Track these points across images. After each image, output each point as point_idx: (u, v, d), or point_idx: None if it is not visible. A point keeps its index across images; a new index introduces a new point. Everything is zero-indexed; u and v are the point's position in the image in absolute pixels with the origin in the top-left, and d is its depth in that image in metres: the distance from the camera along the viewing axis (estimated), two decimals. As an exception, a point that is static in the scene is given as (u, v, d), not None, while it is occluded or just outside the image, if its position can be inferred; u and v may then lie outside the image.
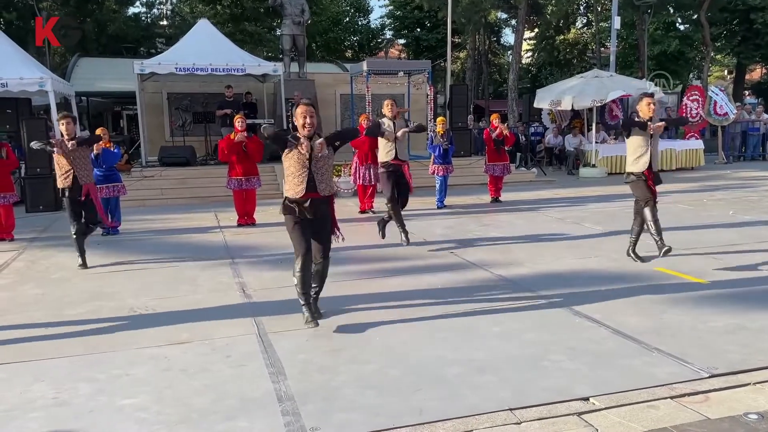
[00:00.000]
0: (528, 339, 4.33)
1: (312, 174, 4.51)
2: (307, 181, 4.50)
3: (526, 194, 12.10)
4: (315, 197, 4.54)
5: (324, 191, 4.58)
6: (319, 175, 4.54)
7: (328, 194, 4.66)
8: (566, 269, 6.25)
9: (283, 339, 4.42)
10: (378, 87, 15.30)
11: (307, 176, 4.50)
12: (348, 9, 39.10)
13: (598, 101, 15.93)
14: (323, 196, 4.59)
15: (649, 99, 6.14)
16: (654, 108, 6.14)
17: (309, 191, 4.51)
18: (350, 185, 12.08)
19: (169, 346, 4.34)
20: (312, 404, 3.41)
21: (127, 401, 3.51)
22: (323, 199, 4.60)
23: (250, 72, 14.12)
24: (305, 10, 16.15)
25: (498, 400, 3.40)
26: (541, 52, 36.61)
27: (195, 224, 9.55)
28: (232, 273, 6.42)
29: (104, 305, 5.38)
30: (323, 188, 4.57)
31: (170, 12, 35.63)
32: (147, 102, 14.91)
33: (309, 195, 4.52)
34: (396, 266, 6.57)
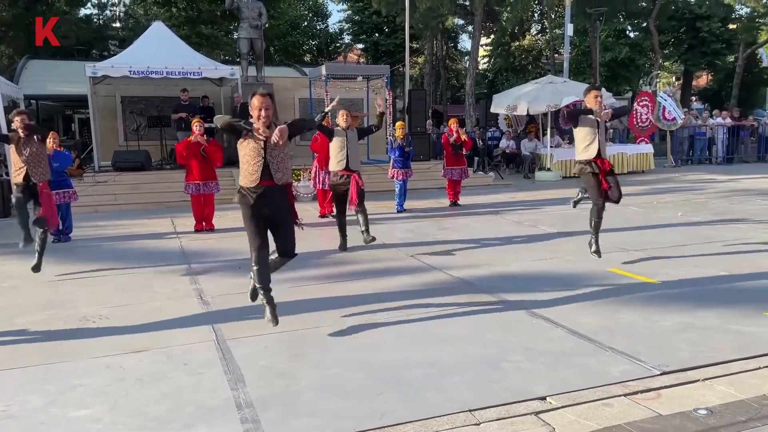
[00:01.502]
0: (488, 340, 4.39)
1: (267, 162, 4.41)
2: (263, 169, 4.40)
3: (484, 198, 12.27)
4: (270, 185, 4.44)
5: (280, 180, 4.48)
6: (274, 163, 4.43)
7: (285, 183, 4.54)
8: (524, 271, 6.36)
9: (242, 345, 4.37)
10: (337, 91, 15.26)
11: (263, 164, 4.40)
12: (306, 13, 38.95)
13: (553, 106, 16.27)
14: (279, 185, 4.49)
15: (596, 92, 6.35)
16: (600, 100, 6.33)
17: (264, 179, 4.41)
18: (310, 189, 12.04)
19: (124, 355, 4.24)
20: (272, 410, 3.39)
21: (80, 413, 3.42)
22: (279, 187, 4.49)
23: (207, 75, 13.93)
24: (263, 13, 16.02)
25: (459, 402, 3.44)
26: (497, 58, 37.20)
27: (150, 230, 9.35)
28: (189, 279, 6.31)
29: (56, 314, 5.22)
30: (279, 177, 4.46)
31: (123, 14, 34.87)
32: (99, 105, 14.56)
33: (264, 183, 4.42)
34: (357, 270, 6.57)
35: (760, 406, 3.33)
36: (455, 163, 11.20)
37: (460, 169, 11.25)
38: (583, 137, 6.37)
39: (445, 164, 11.34)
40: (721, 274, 6.03)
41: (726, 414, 3.25)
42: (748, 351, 4.06)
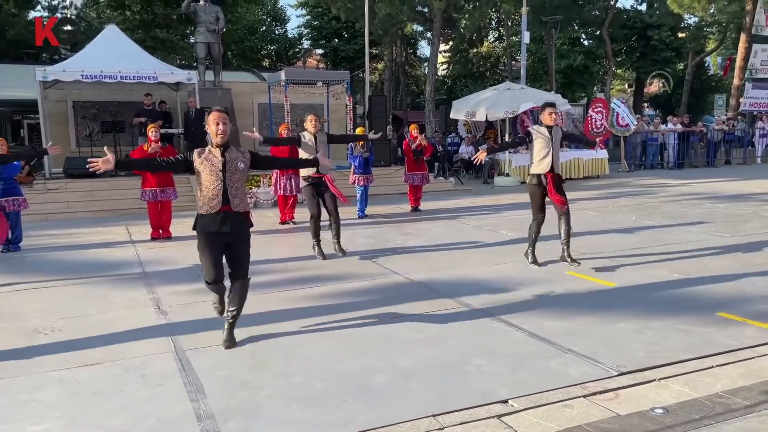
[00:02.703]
0: (450, 344, 4.41)
1: (226, 187, 4.37)
2: (222, 194, 4.36)
3: (444, 203, 12.36)
4: (229, 212, 4.39)
5: (238, 207, 4.42)
6: (233, 189, 4.38)
7: (243, 210, 4.48)
8: (485, 275, 6.42)
9: (202, 356, 4.29)
10: (297, 96, 15.22)
11: (222, 189, 4.36)
12: (264, 18, 38.68)
13: (511, 112, 16.54)
14: (237, 212, 4.43)
15: (551, 109, 6.56)
16: (555, 117, 6.54)
17: (224, 205, 4.37)
18: (270, 196, 11.93)
19: (79, 368, 4.11)
20: (234, 421, 3.33)
21: (33, 428, 3.30)
22: (238, 214, 4.44)
23: (163, 80, 13.68)
24: (220, 17, 15.85)
25: (422, 407, 3.44)
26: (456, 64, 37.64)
27: (105, 238, 9.11)
28: (145, 289, 6.17)
29: (6, 326, 5.03)
30: (237, 203, 4.41)
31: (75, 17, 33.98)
32: (50, 111, 14.11)
33: (224, 209, 4.37)
34: (317, 277, 6.53)
35: (713, 404, 3.43)
36: (416, 169, 11.27)
37: (421, 174, 11.32)
38: (538, 150, 6.57)
39: (407, 170, 11.41)
40: (674, 276, 6.20)
41: (681, 412, 3.34)
42: (701, 350, 4.19)
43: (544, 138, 6.51)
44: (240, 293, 4.52)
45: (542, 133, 6.53)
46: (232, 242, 4.47)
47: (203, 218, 4.42)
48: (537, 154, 6.57)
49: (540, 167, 6.56)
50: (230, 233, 4.43)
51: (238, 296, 4.51)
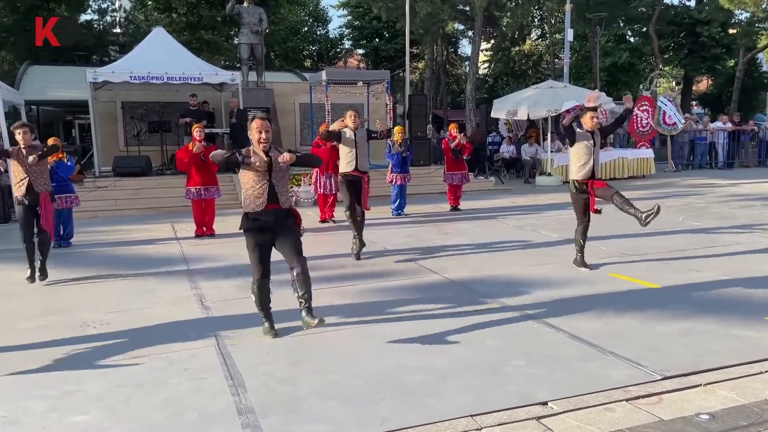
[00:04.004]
0: (488, 345, 4.38)
1: (272, 185, 4.49)
2: (268, 193, 4.47)
3: (484, 202, 12.26)
4: (277, 209, 4.52)
5: (285, 203, 4.57)
6: (279, 187, 4.52)
7: (289, 207, 4.63)
8: (524, 276, 6.36)
9: (243, 351, 4.37)
10: (337, 96, 15.31)
11: (268, 188, 4.48)
12: (307, 18, 39.04)
13: (553, 111, 16.29)
14: (284, 209, 4.56)
15: (593, 113, 6.41)
16: (596, 121, 6.40)
17: (271, 203, 4.49)
18: (310, 194, 12.05)
19: (125, 361, 4.24)
20: (274, 416, 3.38)
21: (79, 418, 3.41)
22: (284, 211, 4.57)
23: (208, 81, 13.94)
24: (263, 19, 16.06)
25: (460, 407, 3.43)
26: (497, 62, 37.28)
27: (151, 235, 9.35)
28: (190, 285, 6.31)
29: (57, 320, 5.22)
30: (284, 201, 4.56)
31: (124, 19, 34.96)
32: (100, 111, 14.56)
33: (270, 206, 4.49)
34: (356, 274, 6.57)
35: (761, 410, 3.32)
36: (456, 168, 11.22)
37: (460, 174, 11.26)
38: (578, 156, 6.44)
39: (446, 169, 11.36)
40: (722, 278, 6.02)
41: (728, 419, 3.24)
42: (749, 355, 4.06)
43: (586, 143, 6.37)
44: (302, 274, 4.49)
45: (584, 137, 6.39)
46: (280, 234, 4.56)
47: (249, 218, 4.54)
48: (578, 159, 6.43)
49: (582, 173, 6.43)
50: (277, 228, 4.54)
51: (302, 277, 4.50)
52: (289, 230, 4.62)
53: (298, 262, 4.51)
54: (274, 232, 4.56)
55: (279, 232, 4.58)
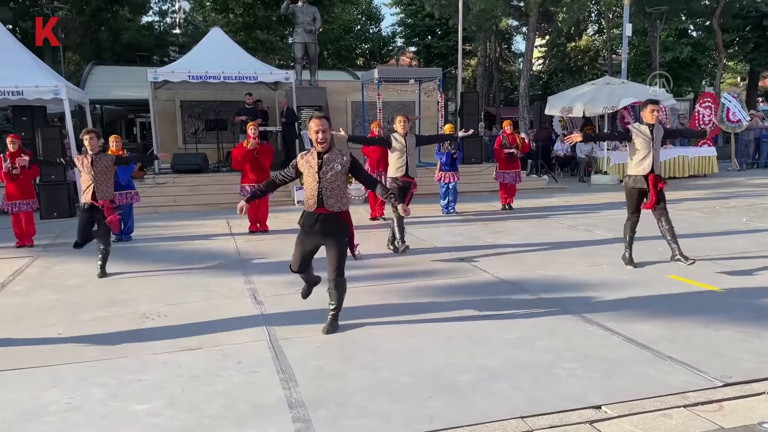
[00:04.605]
0: (540, 346, 4.31)
1: (321, 188, 4.55)
2: (317, 196, 4.57)
3: (537, 201, 12.07)
4: (324, 213, 4.59)
5: (333, 207, 4.59)
6: (327, 190, 4.56)
7: (338, 210, 4.63)
8: (578, 276, 6.23)
9: (294, 345, 4.43)
10: (389, 94, 15.36)
11: (317, 191, 4.56)
12: (359, 17, 39.25)
13: (610, 108, 15.89)
14: (332, 212, 4.59)
15: (654, 106, 6.19)
16: (657, 115, 6.19)
17: (319, 206, 4.58)
18: (361, 192, 12.12)
19: (181, 352, 4.36)
20: (323, 411, 3.42)
21: (139, 407, 3.53)
22: (332, 214, 4.60)
23: (262, 80, 14.20)
24: (317, 18, 16.24)
25: (510, 408, 3.39)
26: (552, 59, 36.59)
27: (207, 231, 9.60)
28: (243, 279, 6.45)
29: (117, 311, 5.42)
30: (331, 203, 4.58)
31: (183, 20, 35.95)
32: (160, 110, 15.03)
33: (319, 210, 4.59)
34: (405, 272, 6.57)
35: (832, 422, 3.15)
36: (508, 167, 11.07)
37: (513, 172, 11.11)
38: (637, 150, 6.25)
39: (498, 167, 11.23)
40: (789, 282, 5.75)
41: (794, 430, 3.09)
42: (818, 364, 3.86)
43: (644, 137, 6.18)
44: (336, 290, 4.68)
45: (642, 131, 6.20)
46: (325, 243, 4.66)
47: (304, 215, 4.71)
48: (637, 154, 6.26)
49: (639, 168, 6.25)
50: (323, 233, 4.63)
51: (335, 293, 4.68)
52: (336, 241, 4.63)
53: (333, 279, 4.65)
54: (322, 236, 4.64)
55: (326, 239, 4.65)
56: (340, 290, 4.68)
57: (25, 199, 8.52)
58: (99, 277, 6.64)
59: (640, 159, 6.24)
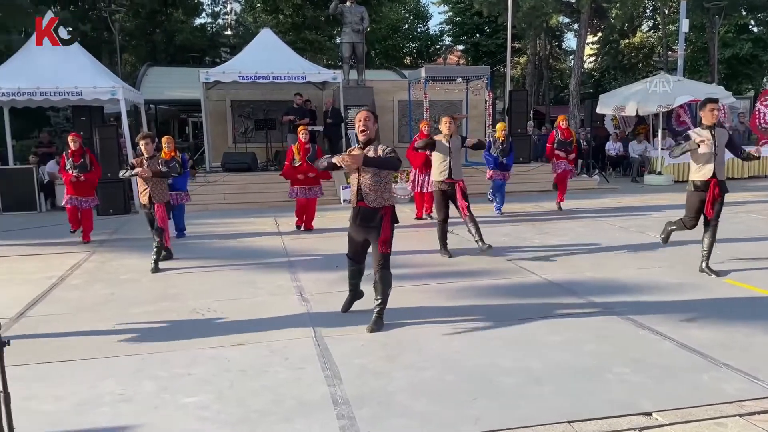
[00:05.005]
0: (588, 350, 4.22)
1: (360, 183, 4.64)
2: (357, 191, 4.67)
3: (587, 202, 11.82)
4: (363, 207, 4.67)
5: (372, 202, 4.65)
6: (365, 186, 4.63)
7: (378, 206, 4.66)
8: (630, 279, 6.07)
9: (339, 343, 4.46)
10: (436, 93, 15.28)
11: (357, 185, 4.66)
12: (407, 16, 39.24)
13: (665, 106, 15.43)
14: (371, 207, 4.65)
15: (713, 105, 5.93)
16: (717, 114, 5.95)
17: (359, 200, 4.67)
18: (407, 191, 12.12)
19: (230, 347, 4.45)
20: (367, 409, 3.43)
21: (189, 399, 3.62)
22: (371, 209, 4.65)
23: (310, 80, 14.34)
24: (365, 18, 16.30)
25: (556, 412, 3.33)
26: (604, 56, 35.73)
27: (255, 228, 9.76)
28: (290, 277, 6.53)
29: (169, 306, 5.57)
30: (371, 199, 4.65)
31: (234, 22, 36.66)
32: (211, 109, 15.35)
33: (360, 204, 4.68)
34: (451, 272, 6.53)
35: None
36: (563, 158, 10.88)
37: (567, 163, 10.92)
38: (699, 155, 6.01)
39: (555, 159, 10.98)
40: None
41: None
42: None
43: (705, 141, 5.94)
44: (381, 283, 4.74)
45: (702, 135, 5.96)
46: (369, 234, 4.73)
47: (352, 210, 4.79)
48: (698, 158, 6.02)
49: (701, 173, 6.02)
50: (365, 227, 4.71)
51: (380, 287, 4.75)
52: (376, 239, 4.69)
53: (377, 272, 4.72)
54: (365, 230, 4.72)
55: (369, 233, 4.72)
56: (384, 284, 4.72)
57: (86, 196, 8.80)
58: (152, 272, 6.83)
59: (702, 163, 6.01)
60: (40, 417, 3.41)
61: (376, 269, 4.71)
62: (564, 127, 10.89)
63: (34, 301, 5.83)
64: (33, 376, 3.98)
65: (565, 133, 10.91)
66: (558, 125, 11.07)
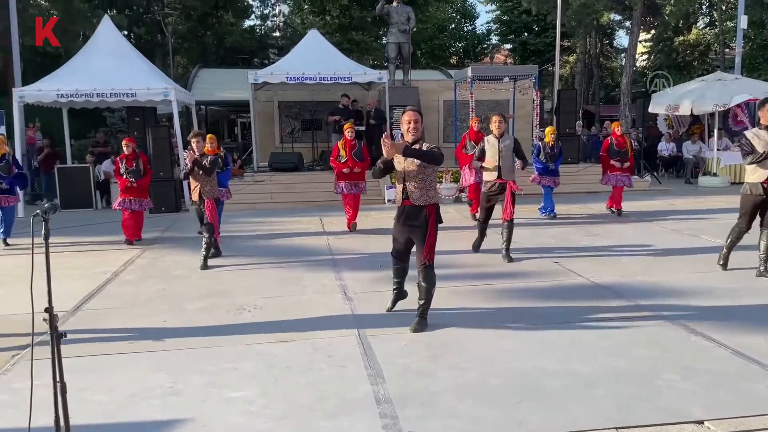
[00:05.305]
0: (638, 355, 4.12)
1: (405, 182, 4.65)
2: (403, 190, 4.68)
3: (639, 204, 11.51)
4: (408, 205, 4.68)
5: (417, 200, 4.64)
6: (410, 183, 4.64)
7: (423, 204, 4.65)
8: (682, 283, 5.89)
9: (382, 342, 4.48)
10: (482, 93, 15.16)
11: (403, 185, 4.67)
12: (454, 15, 39.05)
13: (721, 106, 14.91)
14: (416, 205, 4.65)
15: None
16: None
17: (404, 198, 4.68)
18: (452, 191, 12.08)
19: (275, 344, 4.51)
20: (410, 409, 3.43)
21: (235, 394, 3.69)
22: (416, 207, 4.65)
23: (356, 80, 14.43)
24: (411, 18, 16.28)
25: (603, 417, 3.26)
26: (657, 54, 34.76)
27: (301, 227, 9.87)
28: (334, 276, 6.58)
29: (217, 302, 5.69)
30: (416, 197, 4.65)
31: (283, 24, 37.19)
32: (259, 110, 15.61)
33: (405, 202, 4.69)
34: (496, 273, 6.47)
35: None
36: (618, 168, 10.23)
37: (624, 176, 10.24)
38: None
39: (606, 170, 10.42)
40: None
41: None
42: None
43: (763, 142, 5.72)
44: (424, 282, 4.71)
45: (761, 136, 5.74)
46: (412, 233, 4.73)
47: (397, 209, 4.80)
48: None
49: (756, 175, 5.82)
50: (409, 226, 4.72)
51: (424, 286, 4.72)
52: (422, 234, 4.67)
53: (421, 271, 4.71)
54: (409, 229, 4.73)
55: (413, 232, 4.72)
56: (428, 283, 4.70)
57: (140, 198, 8.87)
58: (201, 269, 6.99)
59: (757, 165, 5.80)
60: (94, 407, 3.53)
61: (420, 268, 4.71)
62: (619, 134, 10.27)
63: (90, 295, 6.04)
64: (87, 367, 4.13)
65: (620, 141, 10.29)
66: (612, 132, 10.52)
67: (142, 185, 8.89)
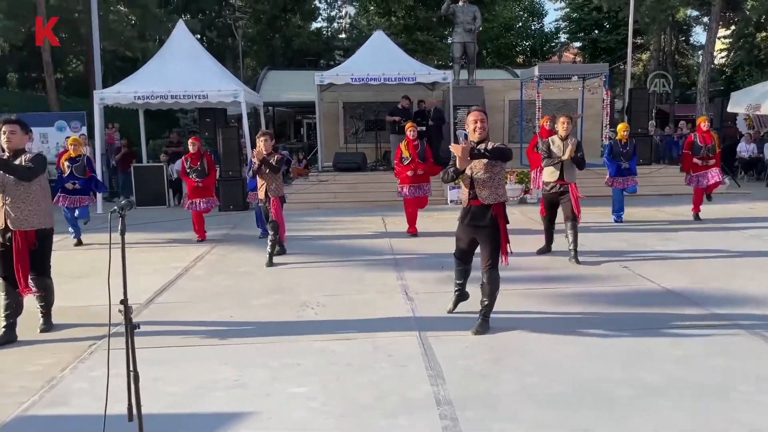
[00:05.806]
0: (710, 365, 3.93)
1: (473, 181, 4.61)
2: (470, 188, 4.64)
3: (716, 208, 10.97)
4: (475, 205, 4.65)
5: (486, 199, 4.61)
6: (479, 182, 4.60)
7: (491, 203, 4.62)
8: (759, 291, 5.58)
9: (443, 343, 4.45)
10: (549, 92, 14.85)
11: (470, 183, 4.63)
12: (521, 14, 38.42)
13: (808, 104, 14.07)
14: (484, 204, 4.61)
15: None
16: None
17: (471, 198, 4.65)
18: (517, 192, 11.90)
19: (337, 341, 4.57)
20: (471, 411, 3.40)
21: (298, 389, 3.75)
22: (484, 206, 4.62)
23: (421, 80, 14.40)
24: (477, 17, 16.14)
25: (674, 429, 3.13)
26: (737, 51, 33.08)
27: (363, 227, 9.95)
28: (396, 275, 6.60)
29: (281, 299, 5.81)
30: (484, 196, 4.61)
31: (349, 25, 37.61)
32: (325, 111, 15.81)
33: (472, 202, 4.65)
34: (563, 277, 6.33)
35: None
36: (703, 167, 9.60)
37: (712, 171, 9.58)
38: None
39: (690, 170, 9.84)
40: None
41: None
42: None
43: None
44: (488, 284, 4.66)
45: None
46: (478, 234, 4.69)
47: (461, 211, 4.79)
48: None
49: None
50: (474, 226, 4.68)
51: (488, 287, 4.66)
52: (488, 234, 4.64)
53: (485, 272, 4.66)
54: (474, 230, 4.69)
55: (478, 232, 4.68)
56: (492, 285, 4.65)
57: (207, 197, 9.12)
58: (267, 266, 7.16)
59: None
60: (164, 397, 3.67)
61: (484, 269, 4.67)
62: (705, 130, 9.60)
63: (162, 289, 6.29)
64: (159, 358, 4.30)
65: (706, 137, 9.59)
66: (698, 127, 9.83)
67: (207, 184, 9.16)
